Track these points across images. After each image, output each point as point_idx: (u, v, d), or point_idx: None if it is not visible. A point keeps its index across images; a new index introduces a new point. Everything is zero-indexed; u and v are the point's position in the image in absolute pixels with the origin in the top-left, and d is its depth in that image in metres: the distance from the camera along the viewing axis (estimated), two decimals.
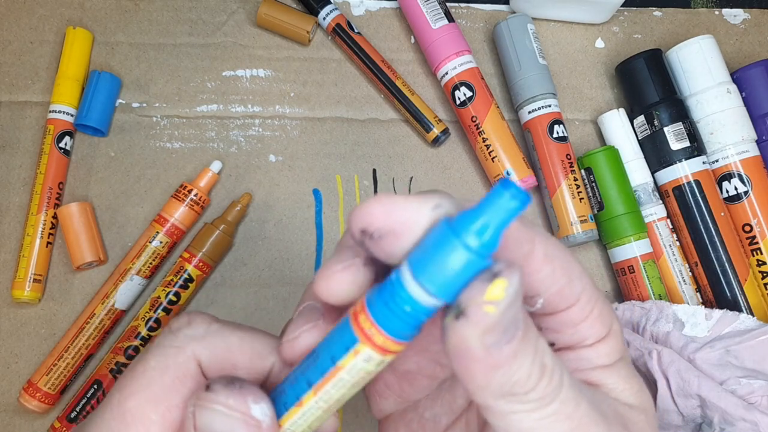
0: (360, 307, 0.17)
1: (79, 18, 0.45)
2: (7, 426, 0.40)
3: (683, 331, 0.38)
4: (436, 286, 0.15)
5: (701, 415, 0.37)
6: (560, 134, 0.43)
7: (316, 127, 0.45)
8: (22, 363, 0.40)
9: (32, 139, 0.43)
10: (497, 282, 0.14)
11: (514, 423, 0.16)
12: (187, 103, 0.44)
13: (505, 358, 0.15)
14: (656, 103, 0.43)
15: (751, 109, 0.43)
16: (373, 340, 0.16)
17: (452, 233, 0.15)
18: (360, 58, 0.44)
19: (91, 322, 0.40)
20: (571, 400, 0.16)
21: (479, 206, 0.15)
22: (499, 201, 0.15)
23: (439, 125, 0.44)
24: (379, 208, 0.16)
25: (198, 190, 0.41)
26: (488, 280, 0.15)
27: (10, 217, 0.42)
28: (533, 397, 0.15)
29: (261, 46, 0.46)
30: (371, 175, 0.45)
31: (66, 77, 0.43)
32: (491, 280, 0.15)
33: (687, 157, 0.42)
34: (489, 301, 0.14)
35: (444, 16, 0.43)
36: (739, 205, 0.42)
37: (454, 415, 0.21)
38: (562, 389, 0.16)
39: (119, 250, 0.42)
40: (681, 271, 0.43)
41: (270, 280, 0.43)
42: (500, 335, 0.15)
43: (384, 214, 0.16)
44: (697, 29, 0.48)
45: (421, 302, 0.16)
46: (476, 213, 0.15)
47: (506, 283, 0.14)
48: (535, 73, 0.43)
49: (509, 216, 0.15)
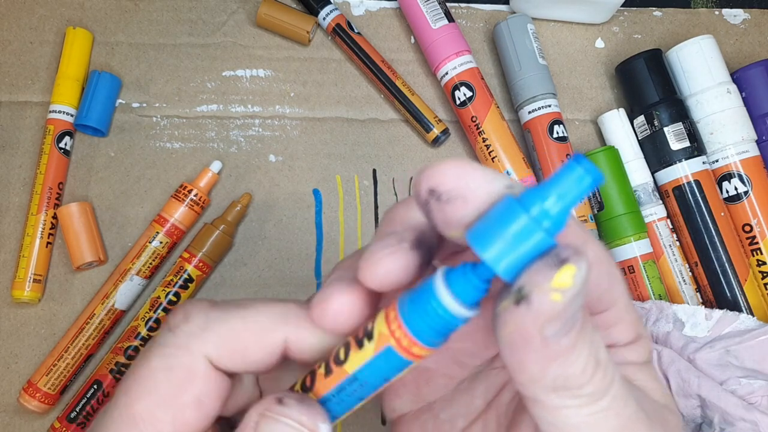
0: (392, 312, 0.16)
1: (79, 18, 0.45)
2: (7, 426, 0.40)
3: (683, 331, 0.38)
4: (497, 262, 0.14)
5: (701, 415, 0.37)
6: (560, 134, 0.43)
7: (316, 127, 0.45)
8: (22, 363, 0.40)
9: (32, 139, 0.43)
10: (566, 268, 0.13)
11: (563, 418, 0.15)
12: (187, 103, 0.44)
13: (563, 350, 0.14)
14: (656, 103, 0.43)
15: (751, 109, 0.43)
16: (411, 351, 0.16)
17: (520, 206, 0.14)
18: (360, 58, 0.44)
19: (91, 323, 0.40)
20: (621, 398, 0.15)
21: (550, 181, 0.14)
22: (571, 176, 0.14)
23: (439, 125, 0.44)
24: (454, 170, 0.15)
25: (198, 190, 0.41)
26: (556, 265, 0.13)
27: (10, 217, 0.42)
28: (586, 391, 0.15)
29: (261, 46, 0.46)
30: (371, 175, 0.45)
31: (66, 77, 0.43)
32: (559, 265, 0.13)
33: (687, 157, 0.42)
34: (556, 288, 0.13)
35: (444, 16, 0.43)
36: (739, 205, 0.42)
37: (472, 417, 0.21)
38: (613, 385, 0.15)
39: (119, 250, 0.42)
40: (681, 271, 0.43)
41: (270, 280, 0.43)
42: (561, 326, 0.14)
43: (457, 177, 0.15)
44: (697, 29, 0.48)
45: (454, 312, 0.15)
46: (547, 188, 0.14)
47: (575, 269, 0.13)
48: (535, 73, 0.43)
49: (581, 193, 0.14)
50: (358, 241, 0.43)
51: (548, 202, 0.14)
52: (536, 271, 0.14)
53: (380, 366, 0.17)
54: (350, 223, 0.44)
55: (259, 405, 0.18)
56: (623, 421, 0.15)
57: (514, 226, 0.14)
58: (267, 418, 0.17)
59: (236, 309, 0.19)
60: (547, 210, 0.14)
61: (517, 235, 0.14)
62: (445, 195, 0.15)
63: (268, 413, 0.17)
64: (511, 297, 0.14)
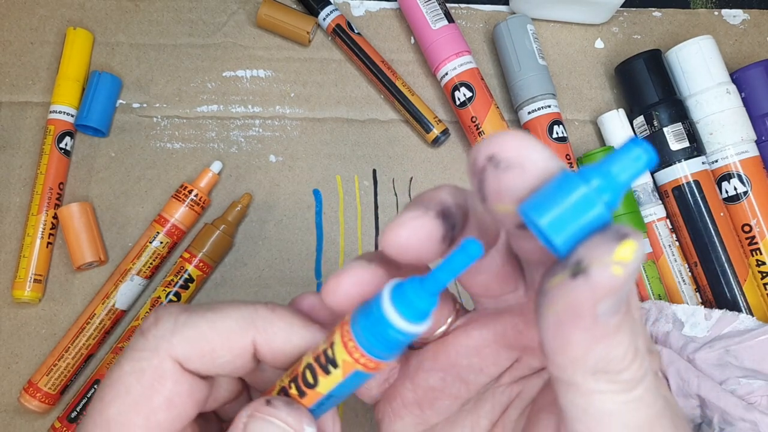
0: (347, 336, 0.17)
1: (79, 18, 0.45)
2: (7, 426, 0.40)
3: (683, 331, 0.38)
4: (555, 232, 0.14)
5: (701, 415, 0.37)
6: (560, 135, 0.43)
7: (316, 127, 0.45)
8: (23, 363, 0.40)
9: (33, 139, 0.43)
10: (627, 242, 0.13)
11: (596, 403, 0.15)
12: (188, 103, 0.44)
13: (611, 331, 0.14)
14: (656, 103, 0.43)
15: (750, 109, 0.43)
16: (377, 368, 0.17)
17: (581, 179, 0.14)
18: (360, 59, 0.45)
19: (91, 323, 0.40)
20: (653, 390, 0.15)
21: (608, 158, 0.14)
22: (630, 155, 0.14)
23: (438, 126, 0.44)
24: (517, 140, 0.15)
25: (198, 191, 0.41)
26: (617, 239, 0.13)
27: (11, 217, 0.42)
28: (624, 377, 0.14)
29: (261, 47, 0.46)
30: (371, 176, 0.45)
31: (66, 78, 0.43)
32: (620, 239, 0.13)
33: (686, 157, 0.42)
34: (618, 261, 0.13)
35: (444, 17, 0.43)
36: (739, 206, 0.43)
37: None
38: (648, 376, 0.15)
39: (120, 250, 0.42)
40: (680, 271, 0.43)
41: (270, 280, 0.43)
42: (614, 304, 0.13)
43: (518, 147, 0.15)
44: (697, 30, 0.48)
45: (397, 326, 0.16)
46: (606, 164, 0.14)
47: (636, 245, 0.13)
48: (534, 73, 0.43)
49: (639, 170, 0.14)
50: (358, 241, 0.44)
51: (609, 176, 0.14)
52: (598, 243, 0.13)
53: (351, 382, 0.17)
54: (350, 223, 0.44)
55: (249, 406, 0.18)
56: (653, 414, 0.15)
57: (574, 196, 0.14)
58: (256, 419, 0.18)
59: (205, 313, 0.19)
60: (606, 185, 0.14)
61: (577, 205, 0.14)
62: (504, 162, 0.15)
63: (257, 414, 0.18)
64: (566, 271, 0.14)
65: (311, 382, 0.18)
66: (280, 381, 0.19)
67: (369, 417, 0.41)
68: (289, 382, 0.19)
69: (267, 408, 0.18)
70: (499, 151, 0.15)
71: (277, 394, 0.19)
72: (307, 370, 0.18)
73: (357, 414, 0.41)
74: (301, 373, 0.18)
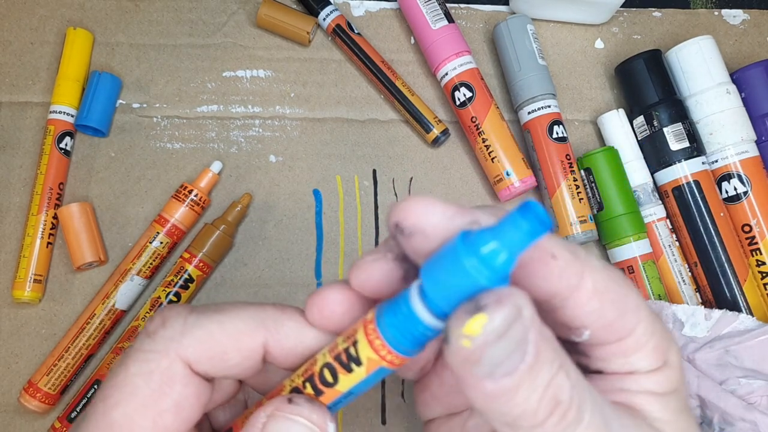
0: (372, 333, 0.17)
1: (79, 18, 0.45)
2: (7, 426, 0.40)
3: (683, 331, 0.38)
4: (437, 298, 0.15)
5: (701, 416, 0.37)
6: (560, 135, 0.43)
7: (316, 127, 0.45)
8: (23, 363, 0.40)
9: (33, 139, 0.43)
10: (477, 317, 0.14)
11: None
12: (188, 103, 0.44)
13: (504, 391, 0.14)
14: (656, 103, 0.43)
15: (750, 109, 0.43)
16: (402, 364, 0.17)
17: (462, 247, 0.14)
18: (360, 59, 0.45)
19: (91, 323, 0.40)
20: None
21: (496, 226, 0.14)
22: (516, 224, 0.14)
23: (438, 126, 0.44)
24: (416, 207, 0.16)
25: (198, 191, 0.41)
26: (470, 312, 0.14)
27: (11, 217, 0.42)
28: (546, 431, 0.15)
29: (261, 47, 0.46)
30: (371, 176, 0.45)
31: (66, 78, 0.43)
32: (473, 312, 0.14)
33: (686, 157, 0.42)
34: (466, 335, 0.14)
35: (444, 17, 0.43)
36: (739, 206, 0.43)
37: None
38: (579, 426, 0.15)
39: (119, 250, 0.42)
40: (680, 272, 0.43)
41: (270, 280, 0.43)
42: (491, 368, 0.14)
43: (418, 214, 0.16)
44: (697, 30, 0.48)
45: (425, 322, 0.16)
46: (490, 233, 0.14)
47: (485, 320, 0.14)
48: (534, 73, 0.43)
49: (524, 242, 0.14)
50: (358, 241, 0.44)
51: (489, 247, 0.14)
52: (455, 315, 0.14)
53: (373, 379, 0.18)
54: (350, 224, 0.44)
55: (268, 406, 0.18)
56: None
57: (452, 268, 0.15)
58: (277, 418, 0.18)
59: (214, 314, 0.19)
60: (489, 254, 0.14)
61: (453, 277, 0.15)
62: (407, 229, 0.16)
63: (278, 413, 0.18)
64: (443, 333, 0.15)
65: (330, 381, 0.18)
66: (290, 381, 0.19)
67: (369, 417, 0.41)
68: (303, 382, 0.18)
69: (290, 406, 0.18)
70: (402, 220, 0.16)
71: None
72: (326, 369, 0.18)
73: (357, 414, 0.41)
74: (318, 372, 0.18)
